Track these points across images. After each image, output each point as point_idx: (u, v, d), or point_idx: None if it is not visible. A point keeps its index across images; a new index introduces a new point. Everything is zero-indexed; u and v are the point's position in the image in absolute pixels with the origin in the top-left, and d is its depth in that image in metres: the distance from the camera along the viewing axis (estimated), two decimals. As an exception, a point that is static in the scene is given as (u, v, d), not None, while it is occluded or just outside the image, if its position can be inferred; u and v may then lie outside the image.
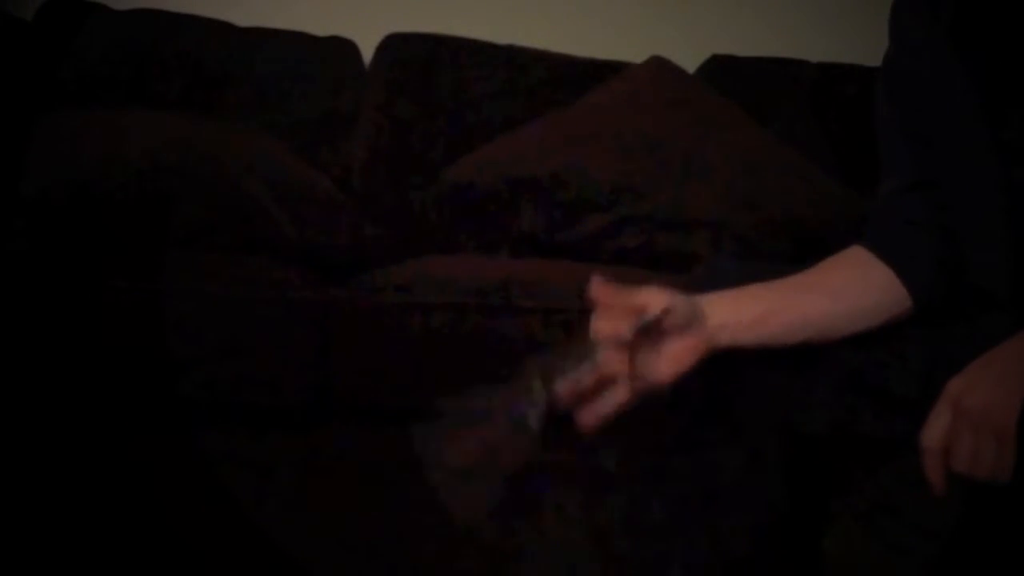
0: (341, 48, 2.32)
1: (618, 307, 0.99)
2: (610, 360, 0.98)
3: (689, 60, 2.38)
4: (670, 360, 1.00)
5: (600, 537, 1.67)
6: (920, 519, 1.19)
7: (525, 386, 0.98)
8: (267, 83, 2.21)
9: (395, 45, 2.32)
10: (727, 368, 1.05)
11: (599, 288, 0.99)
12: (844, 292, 1.08)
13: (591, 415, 1.00)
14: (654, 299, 0.99)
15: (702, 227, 1.96)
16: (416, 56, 2.30)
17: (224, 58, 2.21)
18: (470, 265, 1.90)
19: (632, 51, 2.35)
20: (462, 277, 1.71)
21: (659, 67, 2.29)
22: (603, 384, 0.99)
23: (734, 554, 1.07)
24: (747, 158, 2.07)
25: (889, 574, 1.28)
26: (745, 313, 1.04)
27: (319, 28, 2.32)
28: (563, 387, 0.98)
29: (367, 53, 2.35)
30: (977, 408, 0.90)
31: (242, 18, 2.29)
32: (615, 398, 0.99)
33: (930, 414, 0.93)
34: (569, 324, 1.63)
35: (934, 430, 0.92)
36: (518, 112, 2.25)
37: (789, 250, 1.91)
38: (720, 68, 2.39)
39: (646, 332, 0.97)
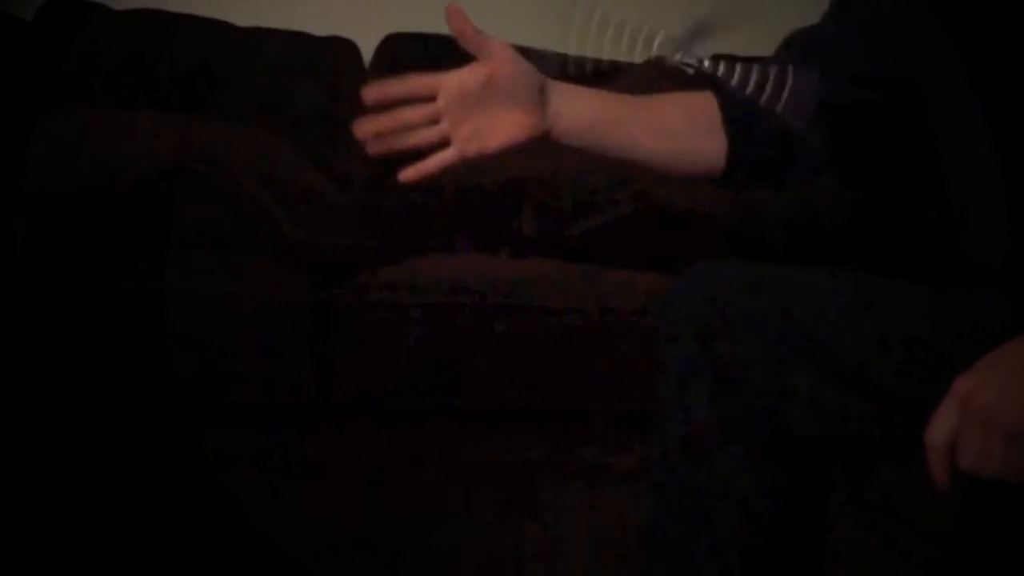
0: (341, 48, 2.32)
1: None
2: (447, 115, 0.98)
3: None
4: (500, 130, 1.01)
5: (599, 537, 1.67)
6: (920, 519, 1.19)
7: None
8: (267, 83, 2.21)
9: (395, 45, 2.32)
10: (727, 367, 1.05)
11: (457, 16, 1.01)
12: (672, 128, 1.12)
13: (414, 171, 1.00)
14: (501, 54, 1.01)
15: (702, 227, 1.96)
16: (416, 56, 2.30)
17: (224, 58, 2.21)
18: (470, 265, 1.90)
19: (632, 51, 2.35)
20: (462, 277, 1.71)
21: (659, 67, 2.29)
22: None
23: (734, 554, 1.07)
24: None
25: (889, 574, 1.28)
26: (586, 113, 1.06)
27: (319, 28, 2.32)
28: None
29: (367, 53, 2.35)
30: (986, 407, 0.90)
31: (242, 18, 2.29)
32: (444, 157, 0.99)
33: (936, 411, 0.92)
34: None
35: (940, 428, 0.92)
36: (518, 112, 2.24)
37: (788, 249, 1.91)
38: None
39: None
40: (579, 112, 1.05)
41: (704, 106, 1.15)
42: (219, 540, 1.62)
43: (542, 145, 1.04)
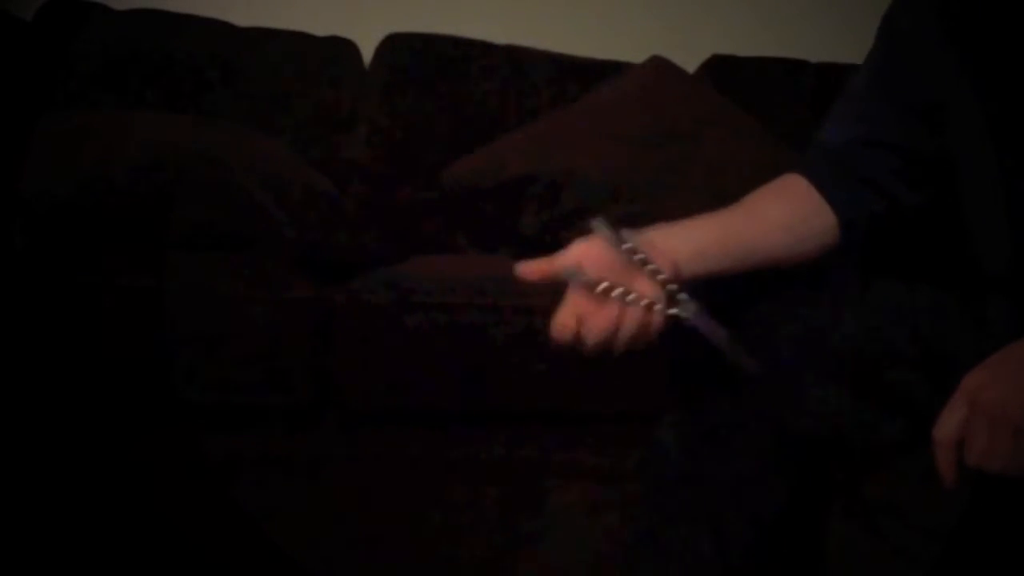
0: (341, 48, 2.32)
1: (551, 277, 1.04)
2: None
3: (689, 60, 2.38)
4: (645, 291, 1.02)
5: (599, 537, 1.67)
6: (921, 519, 1.19)
7: None
8: (267, 83, 2.21)
9: (395, 45, 2.32)
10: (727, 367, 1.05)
11: (527, 271, 1.05)
12: (780, 221, 1.12)
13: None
14: (580, 253, 1.04)
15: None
16: (416, 56, 2.30)
17: (224, 58, 2.21)
18: (470, 265, 1.90)
19: (632, 51, 2.35)
20: (462, 277, 1.71)
21: (659, 67, 2.29)
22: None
23: (735, 554, 1.07)
24: (747, 158, 2.07)
25: (889, 574, 1.28)
26: (695, 241, 1.06)
27: (319, 28, 2.32)
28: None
29: (367, 53, 2.35)
30: (994, 402, 0.90)
31: (242, 18, 2.29)
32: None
33: (945, 407, 0.93)
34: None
35: (949, 423, 0.92)
36: (518, 112, 2.25)
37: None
38: (720, 68, 2.39)
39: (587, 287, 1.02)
40: (691, 239, 1.06)
41: (799, 189, 1.16)
42: (219, 540, 1.62)
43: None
